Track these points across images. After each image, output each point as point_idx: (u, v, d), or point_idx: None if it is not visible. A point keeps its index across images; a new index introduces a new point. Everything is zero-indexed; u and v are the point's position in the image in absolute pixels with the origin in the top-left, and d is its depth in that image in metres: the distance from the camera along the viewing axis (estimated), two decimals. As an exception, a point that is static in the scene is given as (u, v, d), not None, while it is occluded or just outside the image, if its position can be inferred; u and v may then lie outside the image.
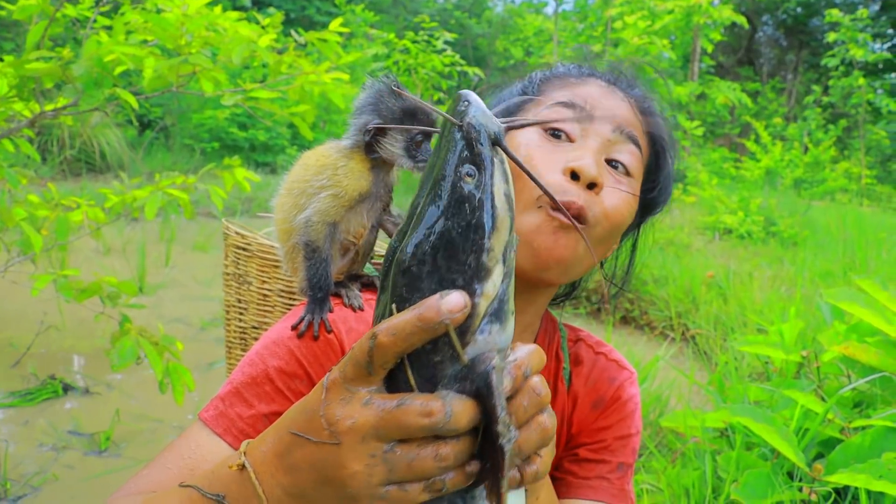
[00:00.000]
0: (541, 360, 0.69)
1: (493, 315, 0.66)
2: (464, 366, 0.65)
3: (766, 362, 3.24)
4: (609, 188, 1.02)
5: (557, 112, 1.02)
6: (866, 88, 14.84)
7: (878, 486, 1.82)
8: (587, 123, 1.03)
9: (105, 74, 2.91)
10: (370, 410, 0.64)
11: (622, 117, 1.05)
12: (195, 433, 0.99)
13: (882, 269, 6.34)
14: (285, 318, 1.05)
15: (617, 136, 1.04)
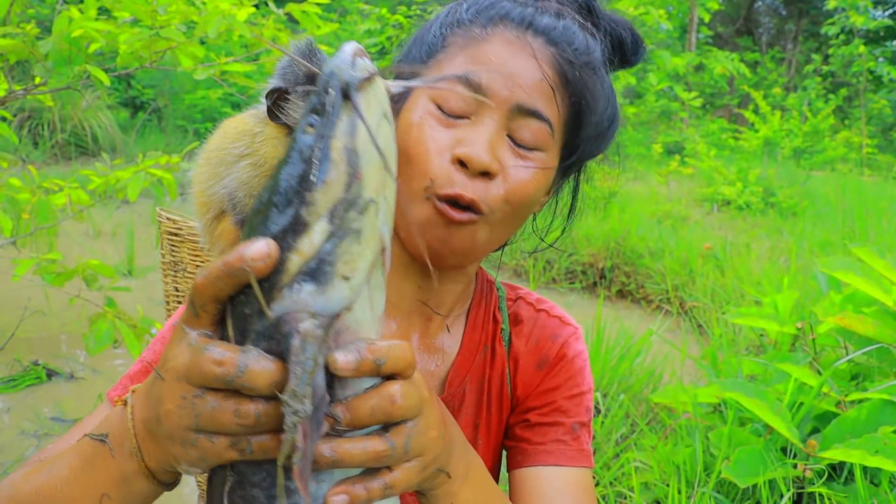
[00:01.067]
0: (405, 360, 0.64)
1: (309, 274, 0.60)
2: (270, 323, 0.60)
3: (762, 335, 3.17)
4: (511, 169, 0.93)
5: (455, 90, 0.88)
6: (867, 57, 14.68)
7: (874, 461, 1.75)
8: (502, 107, 0.92)
9: (76, 52, 2.82)
10: (187, 352, 0.62)
11: (526, 85, 0.92)
12: (101, 410, 0.97)
13: (882, 238, 6.27)
14: None
15: (516, 112, 0.92)
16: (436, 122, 0.92)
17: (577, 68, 0.95)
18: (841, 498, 1.89)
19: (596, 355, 3.20)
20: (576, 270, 6.21)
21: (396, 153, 0.68)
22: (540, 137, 0.94)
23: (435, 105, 0.92)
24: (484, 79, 0.90)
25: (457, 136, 0.91)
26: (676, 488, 2.02)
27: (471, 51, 0.93)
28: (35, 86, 3.08)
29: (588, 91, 0.97)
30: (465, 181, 0.89)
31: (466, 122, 0.92)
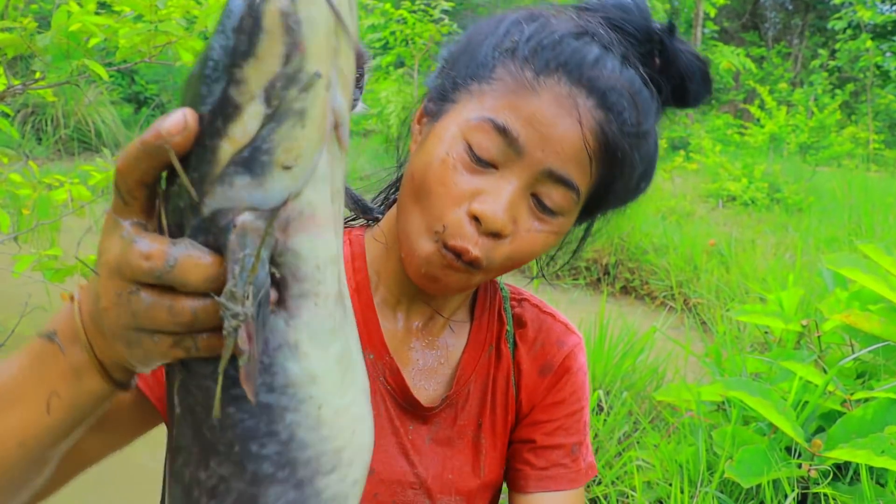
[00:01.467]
0: None
1: (243, 164, 0.52)
2: (203, 217, 0.53)
3: (766, 332, 3.14)
4: (524, 232, 0.89)
5: (485, 130, 0.85)
6: (874, 51, 14.62)
7: (880, 462, 1.72)
8: (532, 166, 0.86)
9: (74, 46, 2.80)
10: (118, 244, 0.56)
11: (562, 153, 0.86)
12: None
13: (889, 234, 6.24)
14: None
15: (546, 176, 0.87)
16: (462, 167, 0.87)
17: (625, 138, 0.88)
18: (846, 499, 1.86)
19: (599, 352, 3.17)
20: (579, 266, 6.18)
21: (356, 10, 0.57)
22: (564, 204, 0.89)
23: (466, 144, 0.87)
24: (522, 135, 0.85)
25: (479, 187, 0.86)
26: (679, 488, 2.00)
27: (515, 99, 0.86)
28: (34, 80, 3.06)
29: (628, 160, 0.90)
30: (474, 236, 0.86)
31: (493, 173, 0.87)
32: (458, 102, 0.90)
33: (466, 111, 0.88)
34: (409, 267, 0.92)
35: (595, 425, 2.74)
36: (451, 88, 0.92)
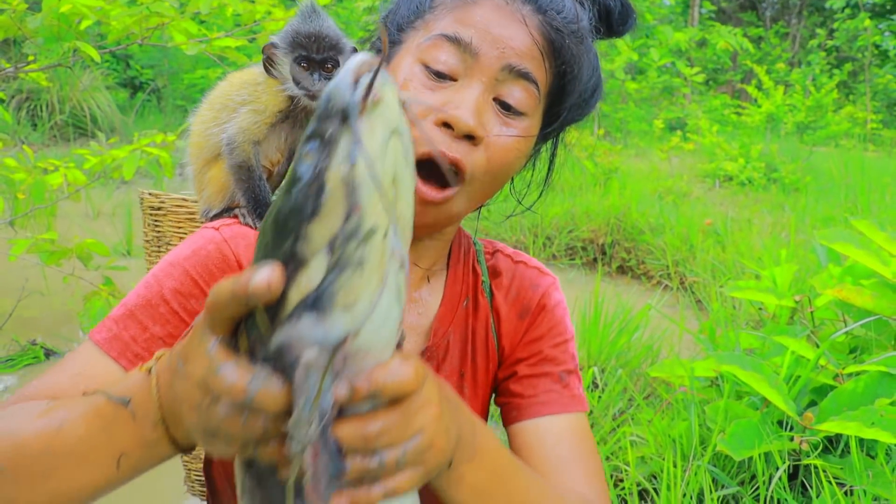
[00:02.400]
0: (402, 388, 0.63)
1: (309, 306, 0.59)
2: (272, 351, 0.60)
3: (760, 309, 3.15)
4: (492, 135, 0.92)
5: (438, 45, 0.89)
6: (873, 31, 14.57)
7: (870, 433, 1.73)
8: (491, 66, 0.90)
9: (66, 28, 2.79)
10: (203, 362, 0.63)
11: (516, 48, 0.91)
12: (86, 352, 0.93)
13: (885, 213, 6.24)
14: (185, 241, 1.00)
15: (506, 74, 0.91)
16: (421, 85, 0.90)
17: (566, 36, 0.93)
18: (836, 470, 1.88)
19: (594, 330, 3.18)
20: (576, 246, 6.18)
21: (413, 162, 0.65)
22: (527, 101, 0.93)
23: (422, 65, 0.90)
24: (474, 39, 0.89)
25: (443, 99, 0.89)
26: (672, 462, 2.01)
27: (460, 13, 0.91)
28: (25, 63, 3.05)
29: (575, 59, 0.96)
30: (448, 141, 0.88)
31: (453, 85, 0.90)
32: (406, 41, 0.95)
33: (417, 40, 0.92)
34: None
35: (590, 402, 2.74)
36: (397, 31, 0.97)
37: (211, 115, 1.06)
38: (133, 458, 0.74)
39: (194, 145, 1.08)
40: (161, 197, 1.43)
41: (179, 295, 0.94)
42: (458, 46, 0.89)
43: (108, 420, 0.74)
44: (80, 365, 0.91)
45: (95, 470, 0.74)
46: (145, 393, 0.73)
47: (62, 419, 0.76)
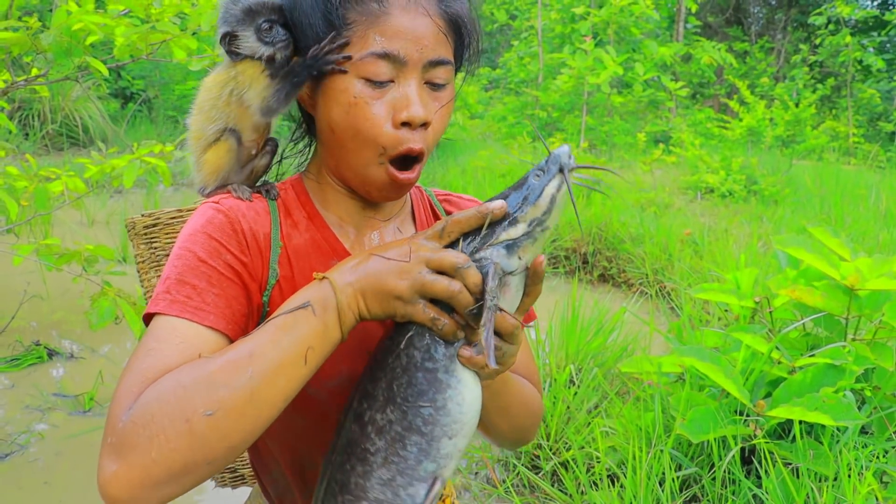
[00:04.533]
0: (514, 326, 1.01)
1: (506, 246, 1.00)
2: (477, 258, 1.00)
3: (726, 310, 3.33)
4: (435, 113, 1.12)
5: (373, 62, 1.06)
6: (854, 46, 14.83)
7: (812, 417, 1.92)
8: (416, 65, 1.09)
9: (75, 44, 2.95)
10: (429, 250, 0.98)
11: (430, 44, 1.09)
12: (160, 329, 0.99)
13: (858, 224, 6.45)
14: (191, 219, 1.11)
15: (429, 66, 1.10)
16: (370, 98, 1.07)
17: (457, 7, 1.14)
18: (785, 453, 2.06)
19: (572, 332, 3.37)
20: (559, 255, 6.38)
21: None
22: (448, 75, 1.13)
23: (363, 80, 1.07)
24: (401, 50, 1.06)
25: (391, 103, 1.08)
26: (637, 446, 2.19)
27: (378, 26, 1.07)
28: (36, 77, 3.21)
29: (467, 25, 1.17)
30: (411, 136, 1.09)
31: (392, 85, 1.08)
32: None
33: (347, 49, 1.08)
34: (369, 193, 1.17)
35: (567, 398, 2.93)
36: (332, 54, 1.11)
37: (203, 116, 1.19)
38: (316, 350, 0.95)
39: (195, 139, 1.22)
40: (155, 214, 1.49)
41: (212, 253, 1.05)
42: (389, 59, 1.06)
43: (291, 325, 0.95)
44: (168, 338, 0.97)
45: (289, 372, 0.93)
46: (321, 292, 0.97)
47: (249, 348, 0.92)
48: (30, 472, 2.92)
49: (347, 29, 1.08)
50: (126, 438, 0.84)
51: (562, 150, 1.03)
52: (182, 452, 0.84)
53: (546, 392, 3.03)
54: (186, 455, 0.85)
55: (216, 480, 1.68)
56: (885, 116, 15.10)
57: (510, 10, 19.28)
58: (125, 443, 0.84)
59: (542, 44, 14.11)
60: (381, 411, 1.00)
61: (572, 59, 11.29)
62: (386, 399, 1.00)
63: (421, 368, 0.98)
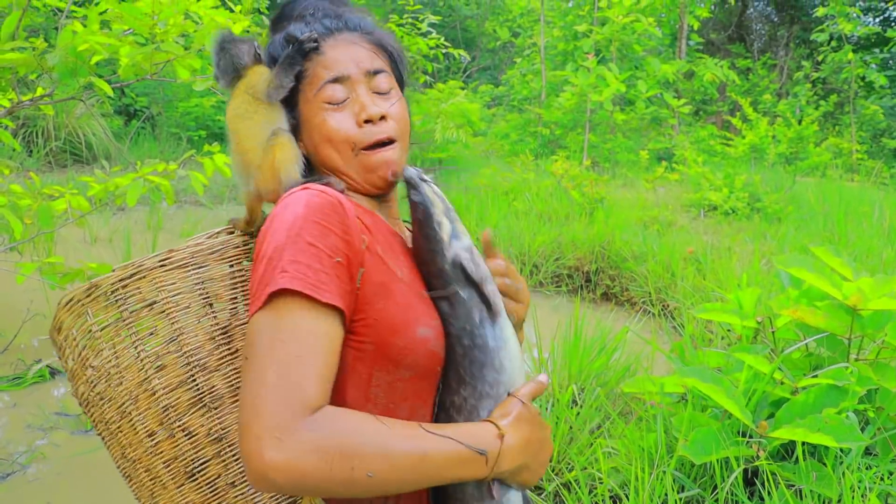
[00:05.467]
0: None
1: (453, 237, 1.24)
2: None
3: (729, 330, 3.33)
4: (389, 107, 1.34)
5: (329, 88, 1.30)
6: (857, 63, 14.86)
7: (815, 438, 1.92)
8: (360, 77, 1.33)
9: (80, 64, 2.96)
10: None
11: (364, 60, 1.34)
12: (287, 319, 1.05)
13: (861, 241, 6.43)
14: (286, 210, 1.14)
15: (370, 76, 1.33)
16: (335, 113, 1.30)
17: (377, 34, 1.38)
18: (788, 474, 2.06)
19: (574, 351, 3.36)
20: (562, 274, 6.38)
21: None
22: (389, 82, 1.36)
23: (326, 103, 1.30)
24: (343, 70, 1.31)
25: (350, 113, 1.30)
26: (640, 467, 2.19)
27: (323, 61, 1.32)
28: (41, 97, 3.23)
29: (392, 44, 1.40)
30: (376, 130, 1.30)
31: (348, 100, 1.31)
32: (301, 101, 1.33)
33: (308, 91, 1.32)
34: (373, 184, 1.33)
35: (570, 418, 2.93)
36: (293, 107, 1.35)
37: (246, 126, 1.31)
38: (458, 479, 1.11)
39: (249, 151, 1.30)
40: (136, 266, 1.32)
41: (319, 236, 1.10)
42: (339, 81, 1.30)
43: (466, 460, 1.09)
44: (298, 336, 1.04)
45: (436, 481, 1.10)
46: (495, 447, 1.11)
47: (426, 448, 1.06)
48: (31, 493, 2.91)
49: (303, 77, 1.32)
50: (299, 445, 0.97)
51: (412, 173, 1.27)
52: (333, 481, 0.99)
53: (549, 412, 3.02)
54: (336, 486, 1.00)
55: None
56: (889, 133, 15.11)
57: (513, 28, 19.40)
58: (297, 448, 0.97)
59: (544, 61, 14.17)
60: (456, 394, 1.19)
61: (575, 76, 11.34)
62: (457, 382, 1.19)
63: (475, 347, 1.18)
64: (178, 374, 1.28)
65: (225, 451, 1.30)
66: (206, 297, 1.33)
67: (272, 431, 0.96)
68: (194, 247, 1.34)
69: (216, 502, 1.30)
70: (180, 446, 1.28)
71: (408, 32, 11.22)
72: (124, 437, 1.29)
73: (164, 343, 1.29)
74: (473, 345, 1.19)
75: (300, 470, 0.96)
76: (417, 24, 11.30)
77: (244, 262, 1.37)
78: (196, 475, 1.29)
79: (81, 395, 1.35)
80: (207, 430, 1.29)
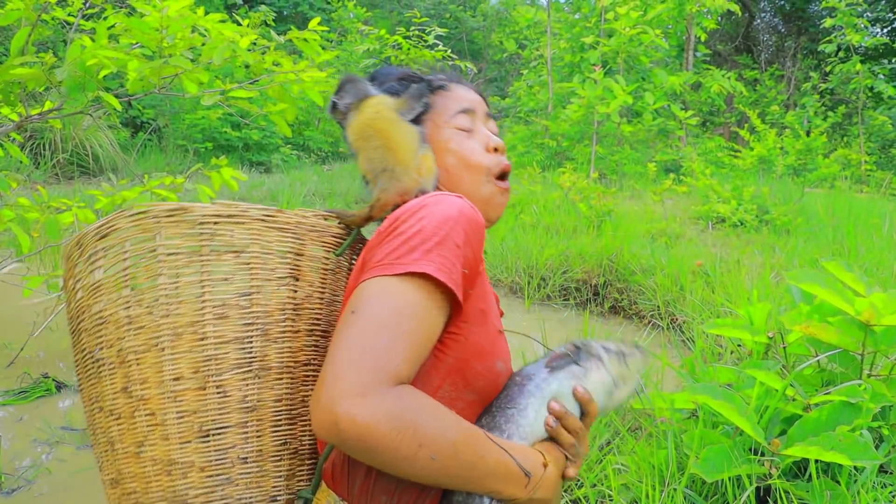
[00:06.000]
0: None
1: None
2: None
3: (739, 346, 3.30)
4: None
5: (461, 116, 1.48)
6: (865, 74, 14.83)
7: (829, 456, 1.89)
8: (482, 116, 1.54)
9: (89, 78, 2.97)
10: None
11: (483, 104, 1.54)
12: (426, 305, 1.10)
13: (871, 254, 6.38)
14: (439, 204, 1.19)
15: (488, 118, 1.54)
16: (466, 138, 1.46)
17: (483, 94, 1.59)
18: (801, 493, 2.03)
19: (583, 366, 3.33)
20: (570, 287, 6.35)
21: None
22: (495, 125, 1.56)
23: (457, 129, 1.46)
24: (470, 106, 1.50)
25: (479, 140, 1.47)
26: (650, 485, 2.16)
27: (454, 95, 1.51)
28: (49, 111, 3.24)
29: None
30: (501, 159, 1.48)
31: (474, 131, 1.48)
32: (430, 127, 1.46)
33: (440, 121, 1.46)
34: (486, 213, 1.43)
35: (578, 433, 2.90)
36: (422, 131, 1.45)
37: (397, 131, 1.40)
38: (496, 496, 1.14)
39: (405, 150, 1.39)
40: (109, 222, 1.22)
41: (464, 244, 1.15)
42: (467, 112, 1.48)
43: (512, 474, 1.12)
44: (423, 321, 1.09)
45: (471, 485, 1.10)
46: (538, 471, 1.15)
47: (484, 452, 1.10)
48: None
49: (430, 108, 1.46)
50: (380, 407, 0.98)
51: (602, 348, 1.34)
52: (396, 454, 1.00)
53: (557, 427, 2.98)
54: (396, 460, 1.00)
55: None
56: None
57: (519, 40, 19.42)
58: (378, 410, 0.98)
59: (551, 73, 14.17)
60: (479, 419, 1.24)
61: (582, 88, 11.32)
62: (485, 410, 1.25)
63: (516, 384, 1.24)
64: (237, 329, 1.20)
65: (251, 424, 1.20)
66: (294, 269, 1.29)
67: (359, 387, 0.98)
68: (301, 218, 1.32)
69: (218, 472, 1.18)
70: (207, 401, 1.17)
71: (414, 45, 11.26)
72: (139, 371, 1.17)
73: (235, 295, 1.21)
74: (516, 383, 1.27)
75: (371, 431, 0.97)
76: (424, 36, 11.35)
77: (332, 254, 1.37)
78: (210, 437, 1.17)
79: (94, 312, 1.22)
80: (243, 396, 1.20)
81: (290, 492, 1.27)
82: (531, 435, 1.21)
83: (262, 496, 1.22)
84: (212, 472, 1.17)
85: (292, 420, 1.27)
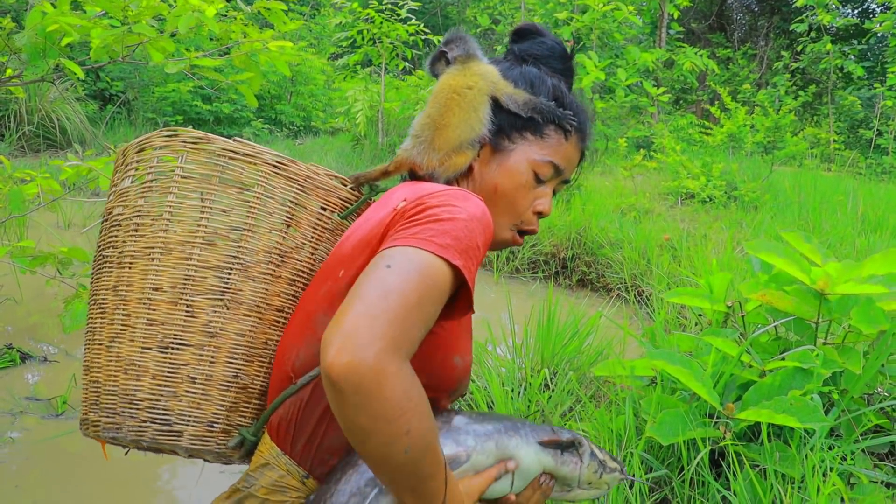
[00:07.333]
0: None
1: None
2: None
3: (700, 315, 3.36)
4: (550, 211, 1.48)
5: (547, 166, 1.43)
6: (835, 54, 14.96)
7: (779, 419, 1.94)
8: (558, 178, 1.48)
9: (50, 45, 2.93)
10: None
11: (572, 170, 1.51)
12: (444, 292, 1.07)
13: (836, 230, 6.49)
14: (465, 200, 1.18)
15: (563, 182, 1.49)
16: (532, 187, 1.43)
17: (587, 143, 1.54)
18: (754, 455, 2.08)
19: (547, 336, 3.38)
20: (538, 260, 6.40)
21: None
22: None
23: (533, 173, 1.42)
24: (564, 168, 1.45)
25: (536, 195, 1.44)
26: (609, 449, 2.20)
27: (558, 148, 1.45)
28: (9, 78, 3.19)
29: None
30: (535, 221, 1.46)
31: (542, 185, 1.44)
32: (519, 144, 1.43)
33: (531, 152, 1.43)
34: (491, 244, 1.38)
35: (541, 401, 2.94)
36: (511, 131, 1.44)
37: (465, 122, 1.37)
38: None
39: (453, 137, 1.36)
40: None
41: (483, 247, 1.16)
42: (555, 170, 1.44)
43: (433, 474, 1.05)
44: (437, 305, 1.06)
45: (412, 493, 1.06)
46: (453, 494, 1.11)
47: (437, 469, 1.06)
48: (0, 477, 2.89)
49: (540, 138, 1.43)
50: (398, 374, 0.95)
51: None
52: (386, 426, 0.95)
53: (521, 396, 3.04)
54: (381, 433, 0.96)
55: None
56: (866, 123, 15.24)
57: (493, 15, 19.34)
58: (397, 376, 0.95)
59: (524, 49, 14.10)
60: None
61: (554, 64, 11.28)
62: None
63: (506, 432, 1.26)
64: (220, 259, 1.30)
65: (208, 348, 1.28)
66: (290, 218, 1.38)
67: (394, 344, 0.95)
68: (311, 173, 1.41)
69: (167, 384, 1.27)
70: (175, 317, 1.27)
71: (387, 18, 11.17)
72: (129, 274, 1.30)
73: (228, 227, 1.32)
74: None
75: (384, 392, 0.93)
76: (397, 10, 11.25)
77: (335, 215, 1.44)
78: (169, 350, 1.27)
79: (114, 215, 1.37)
80: (208, 321, 1.28)
81: (230, 423, 1.31)
82: (478, 466, 1.20)
83: (200, 417, 1.28)
84: (161, 382, 1.27)
85: (249, 357, 1.32)
